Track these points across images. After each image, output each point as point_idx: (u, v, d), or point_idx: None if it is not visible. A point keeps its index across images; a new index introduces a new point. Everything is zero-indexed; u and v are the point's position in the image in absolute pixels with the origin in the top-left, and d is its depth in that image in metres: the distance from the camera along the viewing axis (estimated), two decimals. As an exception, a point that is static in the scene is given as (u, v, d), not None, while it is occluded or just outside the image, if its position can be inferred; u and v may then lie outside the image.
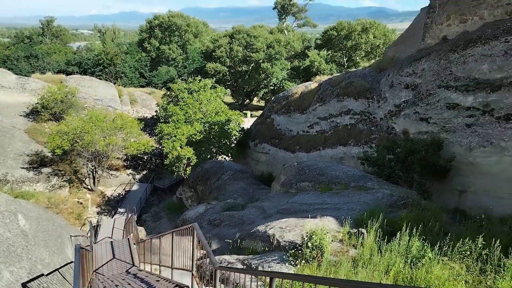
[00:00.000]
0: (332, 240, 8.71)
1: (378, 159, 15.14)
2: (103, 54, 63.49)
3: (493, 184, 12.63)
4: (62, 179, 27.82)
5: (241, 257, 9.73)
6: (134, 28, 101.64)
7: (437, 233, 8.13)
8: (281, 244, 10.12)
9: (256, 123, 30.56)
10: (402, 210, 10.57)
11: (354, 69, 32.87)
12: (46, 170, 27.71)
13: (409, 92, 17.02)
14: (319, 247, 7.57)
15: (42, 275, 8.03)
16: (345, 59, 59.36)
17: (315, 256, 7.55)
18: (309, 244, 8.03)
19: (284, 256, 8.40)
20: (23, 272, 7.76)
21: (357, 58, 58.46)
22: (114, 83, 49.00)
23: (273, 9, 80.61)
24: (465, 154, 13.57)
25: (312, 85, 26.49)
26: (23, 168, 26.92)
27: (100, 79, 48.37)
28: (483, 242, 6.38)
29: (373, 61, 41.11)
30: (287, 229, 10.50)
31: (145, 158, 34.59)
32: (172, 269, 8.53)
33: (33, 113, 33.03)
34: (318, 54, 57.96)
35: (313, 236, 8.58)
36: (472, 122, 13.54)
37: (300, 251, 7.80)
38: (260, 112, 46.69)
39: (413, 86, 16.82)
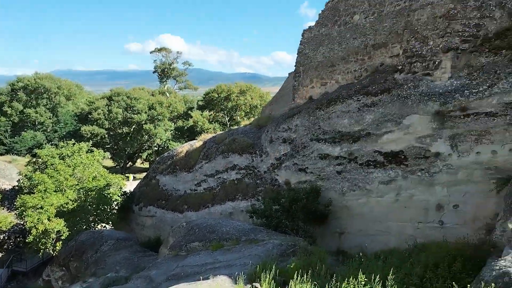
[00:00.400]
0: None
1: (266, 210, 15.56)
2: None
3: (364, 223, 14.08)
4: None
5: None
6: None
7: (324, 276, 8.46)
8: (173, 314, 9.23)
9: (140, 185, 28.82)
10: (292, 258, 10.82)
11: (236, 127, 34.55)
12: None
13: (287, 146, 18.44)
14: (214, 310, 7.07)
15: None
16: (227, 119, 62.34)
17: (210, 320, 7.01)
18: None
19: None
20: None
21: (238, 117, 62.04)
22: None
23: (154, 72, 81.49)
24: (339, 198, 15.00)
25: (197, 143, 26.67)
26: None
27: None
28: (365, 279, 6.77)
29: (252, 119, 44.10)
30: None
31: (1, 238, 28.69)
32: None
33: None
34: (201, 115, 59.66)
35: None
36: (341, 170, 15.22)
37: (193, 319, 7.15)
38: (145, 174, 44.38)
39: (290, 140, 18.32)
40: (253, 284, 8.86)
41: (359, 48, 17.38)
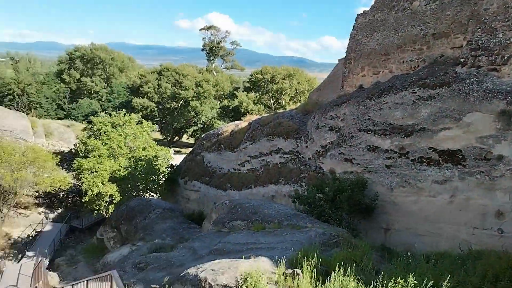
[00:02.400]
0: (267, 282, 8.44)
1: (309, 197, 15.59)
2: (14, 83, 57.99)
3: (413, 222, 13.62)
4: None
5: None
6: (53, 58, 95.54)
7: (369, 272, 8.30)
8: (214, 288, 9.61)
9: (186, 160, 29.87)
10: (334, 249, 10.75)
11: (282, 111, 34.44)
12: None
13: (334, 134, 18.16)
14: (254, 290, 7.29)
15: None
16: (272, 101, 62.27)
17: (250, 300, 7.25)
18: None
19: (218, 302, 7.95)
20: None
21: (283, 101, 61.76)
22: (27, 114, 44.60)
23: (202, 50, 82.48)
24: (387, 193, 14.60)
25: (242, 124, 27.03)
26: None
27: (10, 109, 43.78)
28: (414, 281, 6.35)
29: (299, 103, 43.71)
30: (220, 271, 10.02)
31: (61, 195, 31.20)
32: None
33: None
34: (246, 95, 60.07)
35: (248, 279, 8.21)
36: (391, 164, 14.78)
37: (234, 296, 7.45)
38: (190, 149, 45.93)
39: (337, 129, 18.01)
40: (294, 269, 8.91)
41: (417, 37, 16.43)
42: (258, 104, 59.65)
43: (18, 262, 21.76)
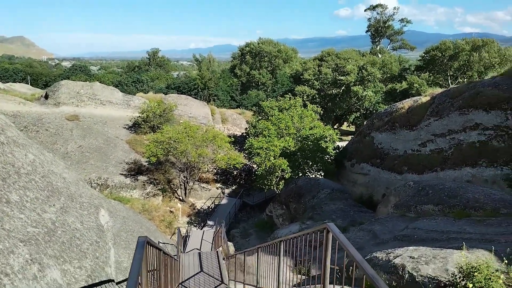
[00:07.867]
0: (503, 282, 6.11)
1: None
2: (198, 79, 67.35)
3: None
4: (156, 187, 28.17)
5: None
6: (227, 59, 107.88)
7: None
8: (417, 279, 7.66)
9: (353, 141, 27.75)
10: None
11: (478, 80, 28.32)
12: (142, 178, 28.37)
13: None
14: (486, 290, 5.12)
15: (111, 281, 5.96)
16: (449, 81, 53.24)
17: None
18: (469, 285, 5.74)
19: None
20: (82, 273, 5.48)
21: (465, 80, 51.94)
22: (208, 104, 50.60)
23: (366, 32, 77.50)
24: None
25: (423, 98, 23.09)
26: (122, 174, 27.85)
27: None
28: None
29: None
30: (422, 260, 8.05)
31: (235, 173, 33.88)
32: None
33: (135, 126, 34.99)
34: (419, 77, 53.04)
35: (474, 274, 6.25)
36: None
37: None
38: (350, 137, 43.54)
39: None
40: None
41: None
42: (432, 85, 51.82)
43: (201, 229, 24.21)
